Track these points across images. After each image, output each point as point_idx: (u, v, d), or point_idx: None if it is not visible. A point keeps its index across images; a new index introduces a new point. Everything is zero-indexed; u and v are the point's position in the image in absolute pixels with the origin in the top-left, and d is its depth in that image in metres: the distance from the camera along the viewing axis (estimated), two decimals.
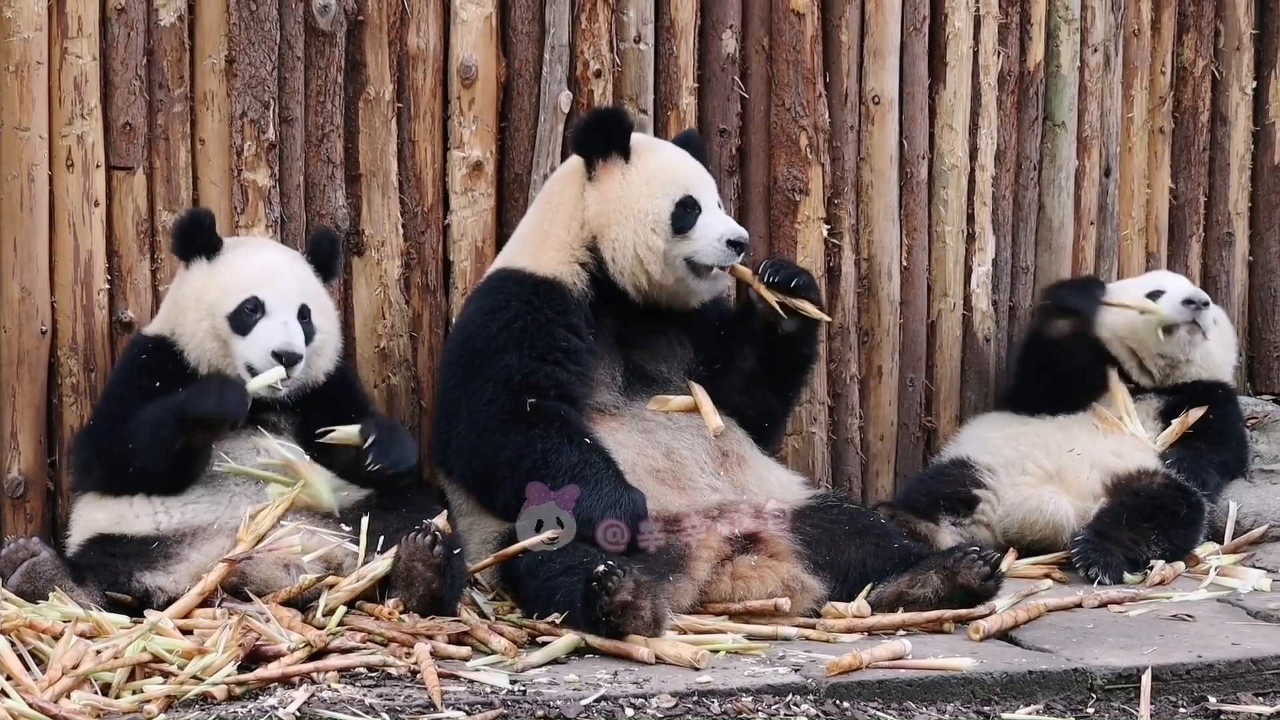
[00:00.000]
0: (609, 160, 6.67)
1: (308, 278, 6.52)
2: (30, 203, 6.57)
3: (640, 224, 6.61)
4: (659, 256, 6.61)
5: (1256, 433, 8.07)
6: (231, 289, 6.36)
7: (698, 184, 6.72)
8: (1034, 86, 8.06)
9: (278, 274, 6.41)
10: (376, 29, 6.99)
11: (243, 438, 6.33)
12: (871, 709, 5.50)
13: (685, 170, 6.75)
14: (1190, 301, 7.63)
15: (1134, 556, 7.09)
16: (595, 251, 6.67)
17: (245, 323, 6.33)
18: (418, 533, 5.90)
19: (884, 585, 6.36)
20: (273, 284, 6.37)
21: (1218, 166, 8.64)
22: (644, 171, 6.67)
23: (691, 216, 6.64)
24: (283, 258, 6.51)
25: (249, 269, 6.41)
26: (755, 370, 6.83)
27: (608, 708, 5.30)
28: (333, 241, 6.68)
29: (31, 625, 5.55)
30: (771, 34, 7.51)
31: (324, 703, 5.20)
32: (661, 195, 6.64)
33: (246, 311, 6.33)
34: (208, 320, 6.36)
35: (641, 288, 6.66)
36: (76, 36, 6.59)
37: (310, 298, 6.46)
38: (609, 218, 6.64)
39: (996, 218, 8.01)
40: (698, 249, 6.61)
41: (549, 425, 6.38)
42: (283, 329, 6.30)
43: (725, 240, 6.61)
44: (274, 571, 6.05)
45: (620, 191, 6.64)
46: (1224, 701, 5.77)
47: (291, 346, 6.27)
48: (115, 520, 6.26)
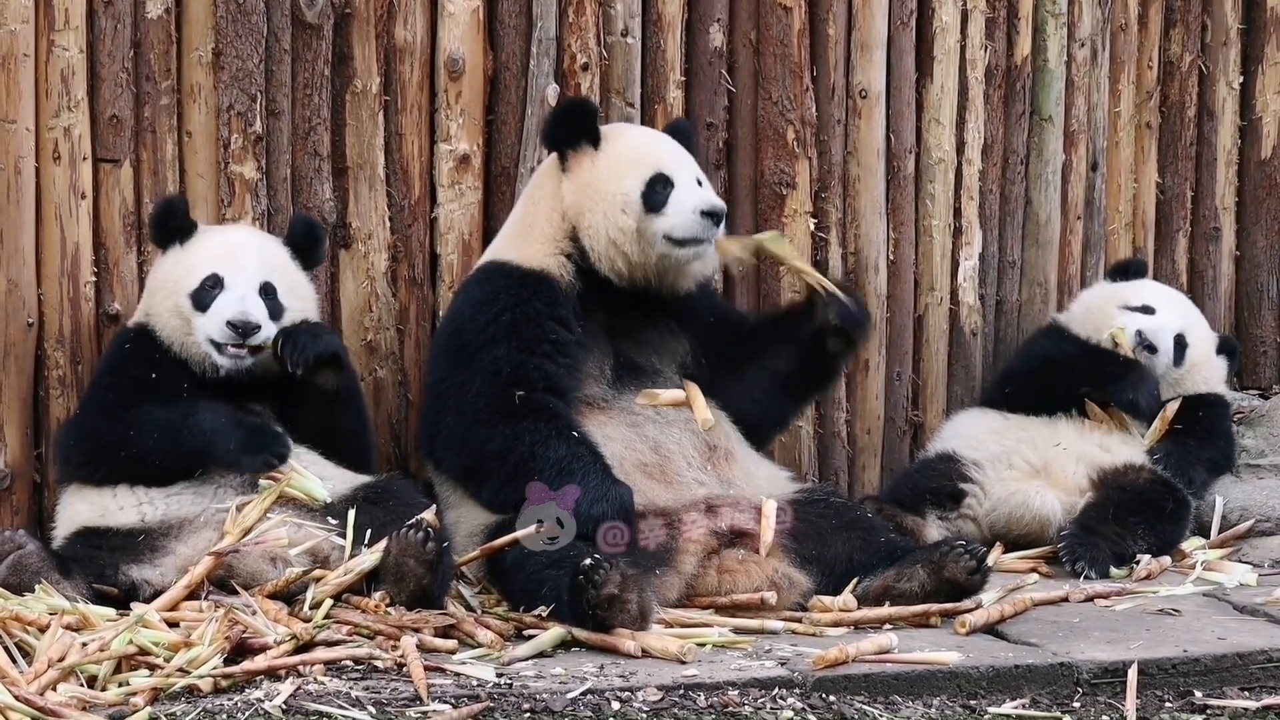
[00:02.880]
0: (579, 150, 6.68)
1: (278, 258, 6.51)
2: (17, 195, 6.56)
3: (610, 206, 6.61)
4: (631, 236, 6.60)
5: (1243, 428, 8.07)
6: (194, 268, 6.40)
7: (669, 162, 6.71)
8: (1021, 81, 8.06)
9: (239, 250, 6.43)
10: (364, 22, 6.98)
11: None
12: (858, 703, 5.50)
13: (655, 149, 6.76)
14: (1140, 334, 7.59)
15: (1120, 551, 7.09)
16: (577, 242, 6.67)
17: (205, 299, 6.35)
18: (410, 528, 5.89)
19: (870, 579, 6.37)
20: (233, 260, 6.39)
21: (1205, 161, 8.64)
22: (612, 155, 6.68)
23: (664, 194, 6.63)
24: (250, 238, 6.55)
25: (212, 248, 6.44)
26: (786, 372, 6.83)
27: (594, 701, 5.30)
28: (310, 227, 6.67)
29: (17, 618, 5.55)
30: (759, 27, 7.51)
31: (310, 695, 5.19)
32: (630, 175, 6.64)
33: (206, 288, 6.36)
34: (172, 299, 6.39)
35: (621, 272, 6.66)
36: (63, 29, 6.58)
37: (278, 277, 6.45)
38: (582, 205, 6.64)
39: (983, 212, 8.01)
40: (674, 224, 6.59)
41: (537, 418, 6.37)
42: (239, 300, 6.31)
43: (699, 211, 6.59)
44: (260, 565, 6.05)
45: (590, 177, 6.65)
46: (1210, 696, 5.77)
47: (246, 315, 6.27)
48: (100, 513, 6.25)
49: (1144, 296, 7.78)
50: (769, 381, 6.86)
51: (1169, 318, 7.71)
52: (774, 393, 6.87)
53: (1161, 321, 7.67)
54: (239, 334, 6.27)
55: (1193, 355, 7.70)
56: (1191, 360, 7.71)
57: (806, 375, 6.90)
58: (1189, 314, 7.87)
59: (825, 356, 6.85)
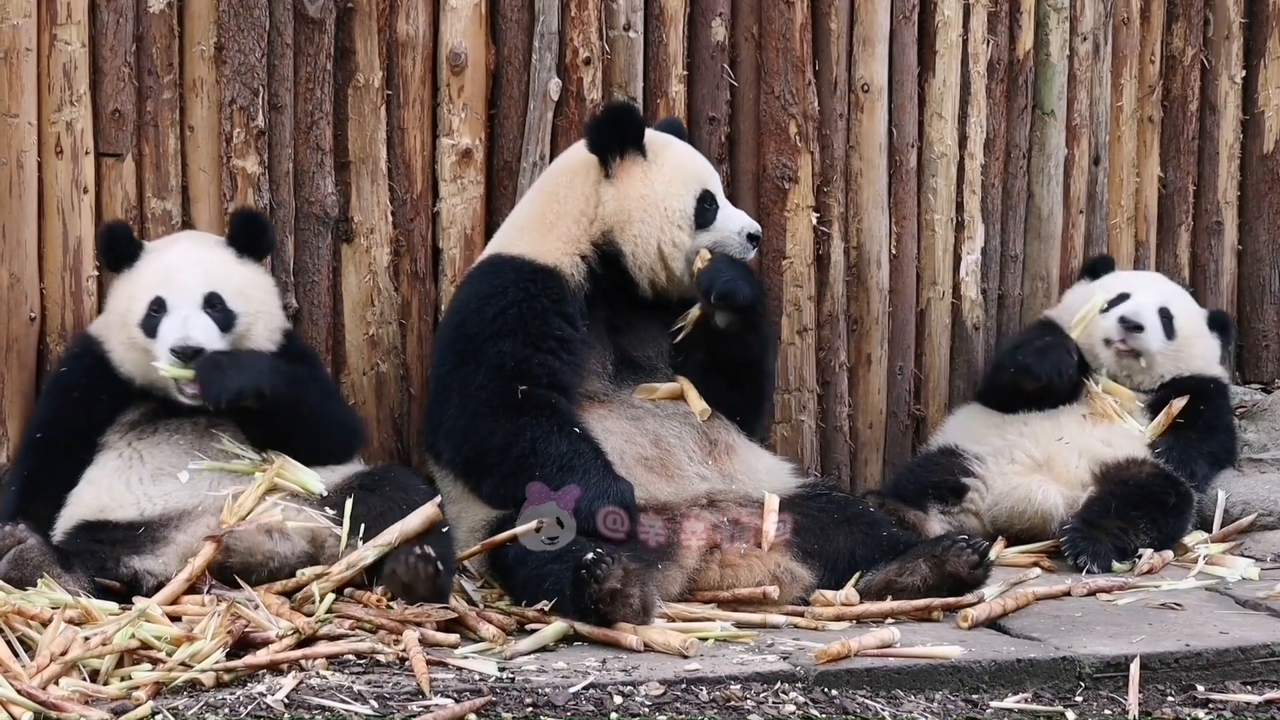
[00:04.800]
0: (626, 157, 6.66)
1: (218, 265, 6.44)
2: (19, 189, 6.56)
3: (667, 220, 6.62)
4: (683, 252, 6.62)
5: (1245, 422, 8.07)
6: (138, 296, 6.37)
7: (711, 178, 6.78)
8: (1023, 75, 8.06)
9: (176, 270, 6.37)
10: (366, 16, 6.98)
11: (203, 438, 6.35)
12: (860, 697, 5.50)
13: (700, 165, 6.80)
14: (1123, 320, 7.60)
15: (1122, 545, 7.09)
16: (603, 246, 6.65)
17: (152, 325, 6.32)
18: (419, 559, 5.82)
19: (872, 573, 6.37)
20: (171, 281, 6.35)
21: (1207, 155, 8.63)
22: (665, 169, 6.68)
23: (711, 211, 6.68)
24: (189, 252, 6.47)
25: (150, 272, 6.40)
26: (704, 363, 6.75)
27: (596, 695, 5.30)
28: (248, 220, 6.57)
29: (20, 612, 5.54)
30: (761, 21, 7.50)
31: (312, 690, 5.19)
32: (684, 191, 6.66)
33: (152, 313, 6.33)
34: (125, 332, 6.38)
35: (659, 283, 6.67)
36: (65, 23, 6.58)
37: (221, 284, 6.39)
38: (630, 215, 6.63)
39: (985, 206, 8.00)
40: (718, 241, 6.63)
41: (539, 413, 6.38)
42: (180, 324, 6.27)
43: (745, 234, 6.68)
44: (257, 537, 6.06)
45: (643, 189, 6.64)
46: (1212, 690, 5.77)
47: (186, 340, 6.23)
48: (98, 509, 6.26)
49: (1118, 286, 7.79)
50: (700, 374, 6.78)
51: (1147, 295, 7.74)
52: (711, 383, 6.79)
53: (1140, 300, 7.69)
54: (182, 359, 6.24)
55: (1182, 327, 7.71)
56: (1183, 333, 7.71)
57: (722, 363, 6.78)
58: (1167, 289, 7.88)
59: (719, 338, 6.70)
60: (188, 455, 6.34)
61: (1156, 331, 7.63)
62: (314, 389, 6.50)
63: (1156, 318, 7.65)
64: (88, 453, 6.40)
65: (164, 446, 6.36)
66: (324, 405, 6.53)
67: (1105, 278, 7.90)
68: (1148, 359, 7.62)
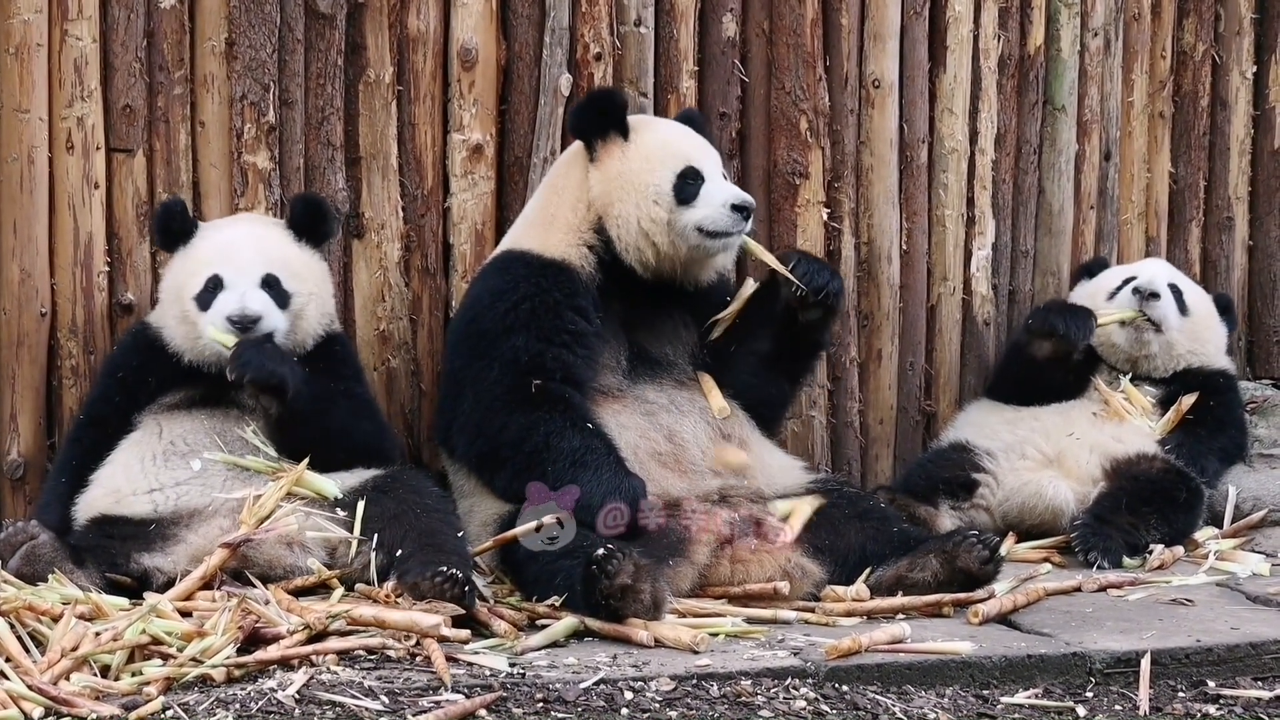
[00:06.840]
0: (608, 140, 6.68)
1: (278, 247, 6.50)
2: (30, 185, 6.57)
3: (642, 197, 6.62)
4: (663, 227, 6.61)
5: (1256, 417, 8.07)
6: (196, 272, 6.41)
7: (699, 155, 6.73)
8: (1034, 70, 8.05)
9: (236, 248, 6.42)
10: (376, 11, 6.98)
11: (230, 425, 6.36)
12: (870, 692, 5.50)
13: (685, 143, 6.76)
14: (1138, 291, 7.62)
15: (1133, 541, 7.09)
16: (602, 233, 6.67)
17: (208, 300, 6.36)
18: (444, 580, 5.77)
19: (883, 569, 6.36)
20: (231, 259, 6.39)
21: (1218, 151, 8.64)
22: (643, 147, 6.68)
23: (695, 186, 6.65)
24: (249, 231, 6.54)
25: (209, 249, 6.45)
26: (770, 352, 6.82)
27: (607, 691, 5.30)
28: (310, 205, 6.61)
29: (31, 607, 5.55)
30: (772, 17, 7.51)
31: (323, 685, 5.19)
32: (661, 167, 6.65)
33: (209, 289, 6.36)
34: (178, 305, 6.42)
35: (649, 263, 6.66)
36: (77, 19, 6.59)
37: (279, 266, 6.44)
38: (612, 195, 6.64)
39: (996, 202, 8.00)
40: (705, 215, 6.61)
41: (553, 408, 6.38)
42: (238, 298, 6.31)
43: (730, 205, 6.62)
44: (277, 550, 6.07)
45: (621, 168, 6.65)
46: (1223, 686, 5.77)
47: (244, 311, 6.29)
48: (114, 501, 6.27)
49: (1123, 273, 7.84)
50: (757, 364, 6.83)
51: (1155, 270, 7.81)
52: (763, 375, 6.84)
53: (1151, 272, 7.76)
54: (238, 328, 6.27)
55: (1193, 303, 7.73)
56: (1194, 310, 7.73)
57: (788, 353, 6.85)
58: (1172, 270, 7.92)
59: (800, 329, 6.80)
60: (207, 437, 6.35)
61: (1171, 303, 7.65)
62: (342, 406, 6.48)
63: (1168, 289, 7.67)
64: (127, 432, 6.44)
65: (186, 424, 6.38)
66: (349, 423, 6.50)
67: (1104, 272, 7.92)
68: (1164, 338, 7.62)
